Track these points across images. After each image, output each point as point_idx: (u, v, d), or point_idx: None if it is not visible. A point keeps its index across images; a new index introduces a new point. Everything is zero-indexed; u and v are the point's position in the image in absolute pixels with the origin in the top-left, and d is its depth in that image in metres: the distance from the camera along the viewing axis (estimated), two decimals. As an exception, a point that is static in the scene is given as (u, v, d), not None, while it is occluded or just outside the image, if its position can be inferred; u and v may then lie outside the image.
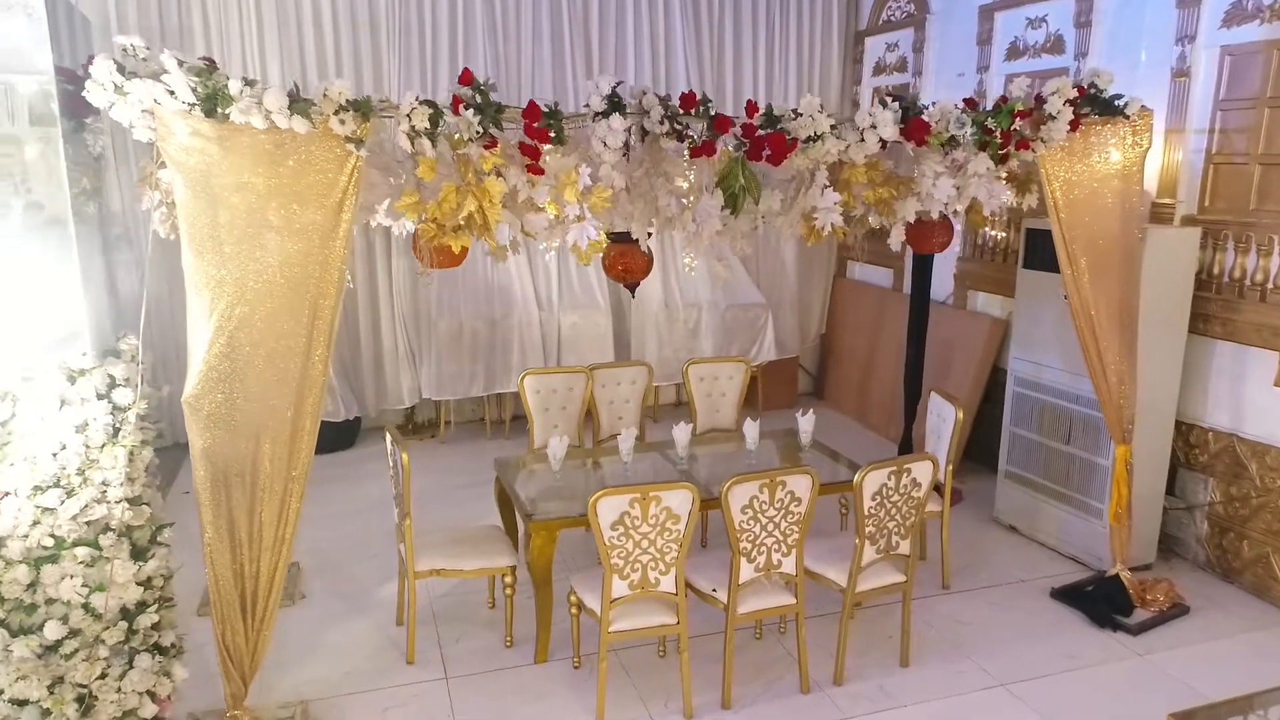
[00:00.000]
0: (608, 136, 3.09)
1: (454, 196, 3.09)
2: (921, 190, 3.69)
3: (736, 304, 7.45)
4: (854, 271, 7.99)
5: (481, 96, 2.99)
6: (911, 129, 3.50)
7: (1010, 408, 5.31)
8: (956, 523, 5.42)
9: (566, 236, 3.11)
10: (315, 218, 2.94)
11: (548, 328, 7.02)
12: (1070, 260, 4.07)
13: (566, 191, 3.08)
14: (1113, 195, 4.09)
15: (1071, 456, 4.91)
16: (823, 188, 3.51)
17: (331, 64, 6.38)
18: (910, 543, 3.79)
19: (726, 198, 3.41)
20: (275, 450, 3.06)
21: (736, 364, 5.34)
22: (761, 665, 3.93)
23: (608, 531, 3.31)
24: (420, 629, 4.19)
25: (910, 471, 3.64)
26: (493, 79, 3.07)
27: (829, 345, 8.19)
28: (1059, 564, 4.92)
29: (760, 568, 3.57)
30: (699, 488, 4.21)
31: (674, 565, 3.43)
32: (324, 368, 3.08)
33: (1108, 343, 4.21)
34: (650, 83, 7.04)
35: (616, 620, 3.47)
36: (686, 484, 3.35)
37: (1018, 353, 5.24)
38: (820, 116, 3.36)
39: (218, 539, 3.04)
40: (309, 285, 2.99)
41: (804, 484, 3.50)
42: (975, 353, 6.24)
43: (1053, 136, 3.79)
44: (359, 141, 2.88)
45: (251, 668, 3.23)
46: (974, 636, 4.19)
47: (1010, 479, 5.35)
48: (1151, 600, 4.41)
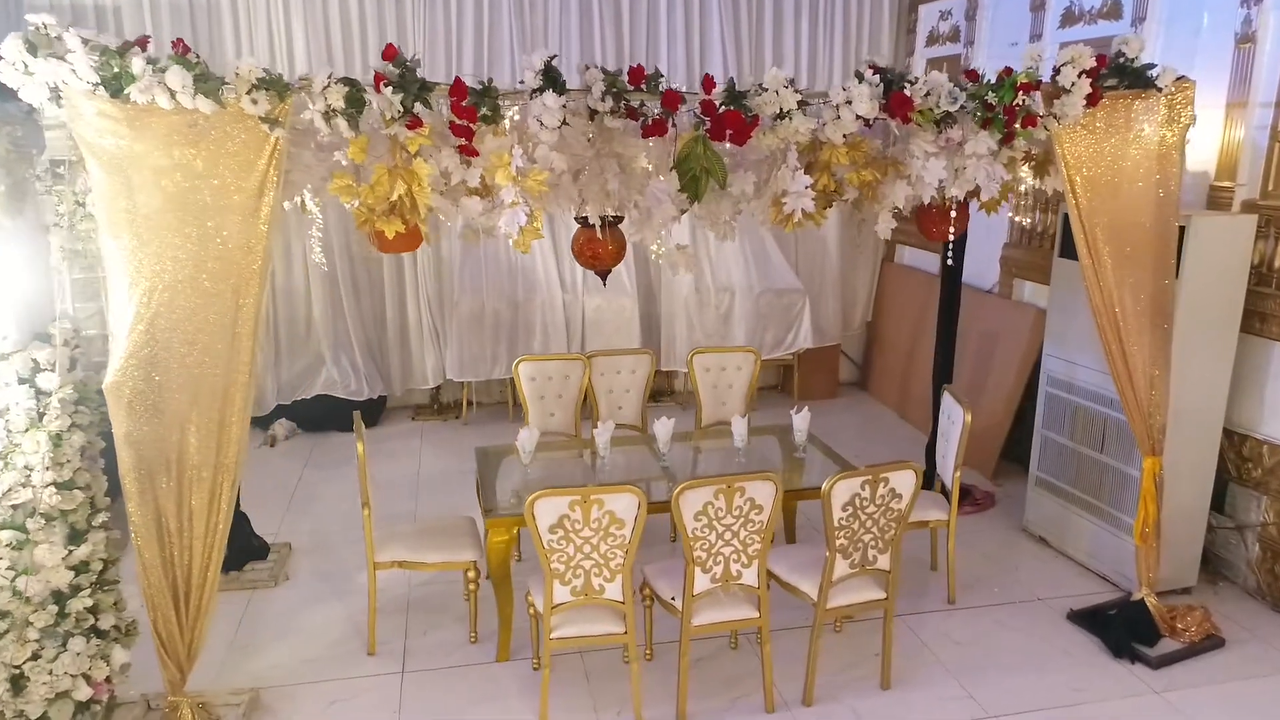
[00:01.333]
0: (543, 115, 2.88)
1: (387, 179, 2.94)
2: (911, 173, 3.35)
3: (772, 289, 7.12)
4: (903, 256, 7.54)
5: (407, 73, 2.82)
6: (893, 104, 3.16)
7: (1042, 409, 4.88)
8: (980, 530, 5.06)
9: (500, 222, 2.92)
10: (234, 201, 2.83)
11: (571, 310, 6.86)
12: (1090, 251, 3.65)
13: (498, 174, 2.89)
14: (1144, 178, 3.64)
15: (1104, 465, 4.47)
16: (794, 170, 3.21)
17: (356, 36, 6.33)
18: (891, 558, 3.49)
19: (686, 181, 3.15)
20: (202, 438, 2.99)
21: (745, 354, 5.06)
22: (730, 678, 3.70)
23: (546, 535, 3.14)
24: (391, 619, 4.13)
25: (887, 481, 3.33)
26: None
27: (875, 333, 7.78)
28: (1086, 582, 4.50)
29: (718, 578, 3.34)
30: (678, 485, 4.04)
31: (620, 572, 3.23)
32: (251, 354, 2.99)
33: (1136, 343, 3.77)
34: (683, 55, 6.78)
35: (560, 626, 3.30)
36: (632, 487, 3.14)
37: (1051, 349, 4.79)
38: (786, 92, 3.06)
39: (145, 528, 3.00)
40: (231, 270, 2.89)
41: (765, 491, 3.24)
42: (1018, 346, 5.77)
43: (1067, 112, 3.38)
44: (274, 122, 2.76)
45: (189, 657, 3.20)
46: (971, 659, 3.85)
47: (1041, 486, 4.92)
48: (1182, 630, 3.98)
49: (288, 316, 6.72)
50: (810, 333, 7.16)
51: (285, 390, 6.71)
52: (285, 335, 6.73)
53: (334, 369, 6.70)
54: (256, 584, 4.42)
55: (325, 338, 6.70)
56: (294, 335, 6.76)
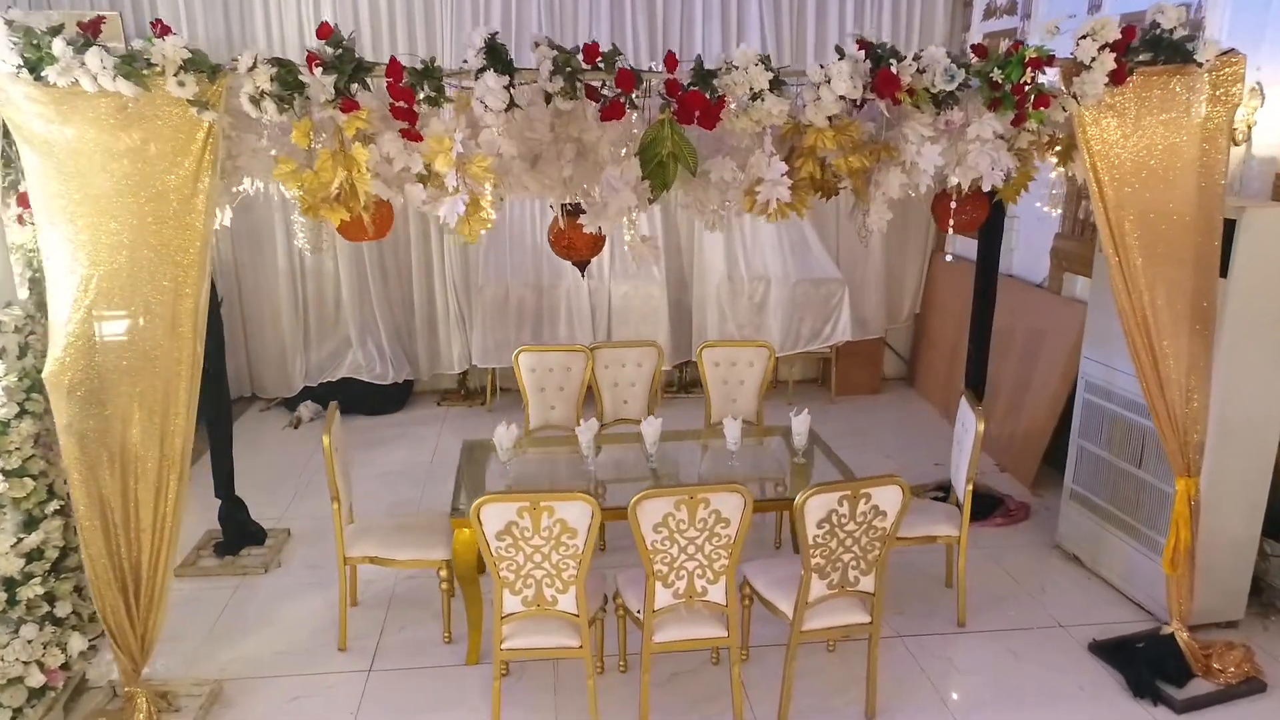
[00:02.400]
0: (486, 96, 2.69)
1: (330, 165, 2.81)
2: (905, 159, 3.04)
3: (809, 278, 6.78)
4: (955, 245, 7.07)
5: (345, 53, 2.67)
6: (879, 84, 2.85)
7: (1079, 416, 4.47)
8: (1012, 544, 4.70)
9: (440, 210, 2.75)
10: (169, 188, 2.74)
11: (597, 298, 6.68)
12: (1117, 247, 3.26)
13: (438, 160, 2.72)
14: (1184, 165, 3.23)
15: (1141, 481, 4.05)
16: (769, 156, 2.94)
17: (385, 19, 6.25)
18: (875, 579, 3.20)
19: (652, 167, 2.93)
20: (145, 429, 2.93)
21: (758, 349, 4.79)
22: (703, 697, 3.48)
23: (493, 542, 2.98)
24: (371, 612, 4.06)
25: (869, 497, 3.04)
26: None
27: (922, 327, 7.35)
28: (1117, 609, 4.10)
29: (680, 594, 3.12)
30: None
31: (573, 583, 3.05)
32: (194, 346, 2.90)
33: (1171, 351, 3.37)
34: (719, 38, 6.47)
35: (511, 636, 3.14)
36: (583, 495, 2.95)
37: (1090, 351, 4.37)
38: (756, 70, 2.79)
39: (89, 519, 2.96)
40: (168, 260, 2.81)
41: (732, 503, 3.00)
42: (1065, 346, 5.32)
43: (1087, 91, 3.00)
44: (204, 105, 2.64)
45: (143, 648, 3.16)
46: (972, 690, 3.54)
47: (1076, 500, 4.52)
48: (1218, 670, 3.57)
49: (317, 298, 6.73)
50: (849, 325, 6.79)
51: (313, 372, 6.74)
52: (314, 317, 6.76)
53: (360, 353, 6.69)
54: (247, 570, 4.41)
55: (353, 321, 6.70)
56: (323, 317, 6.78)
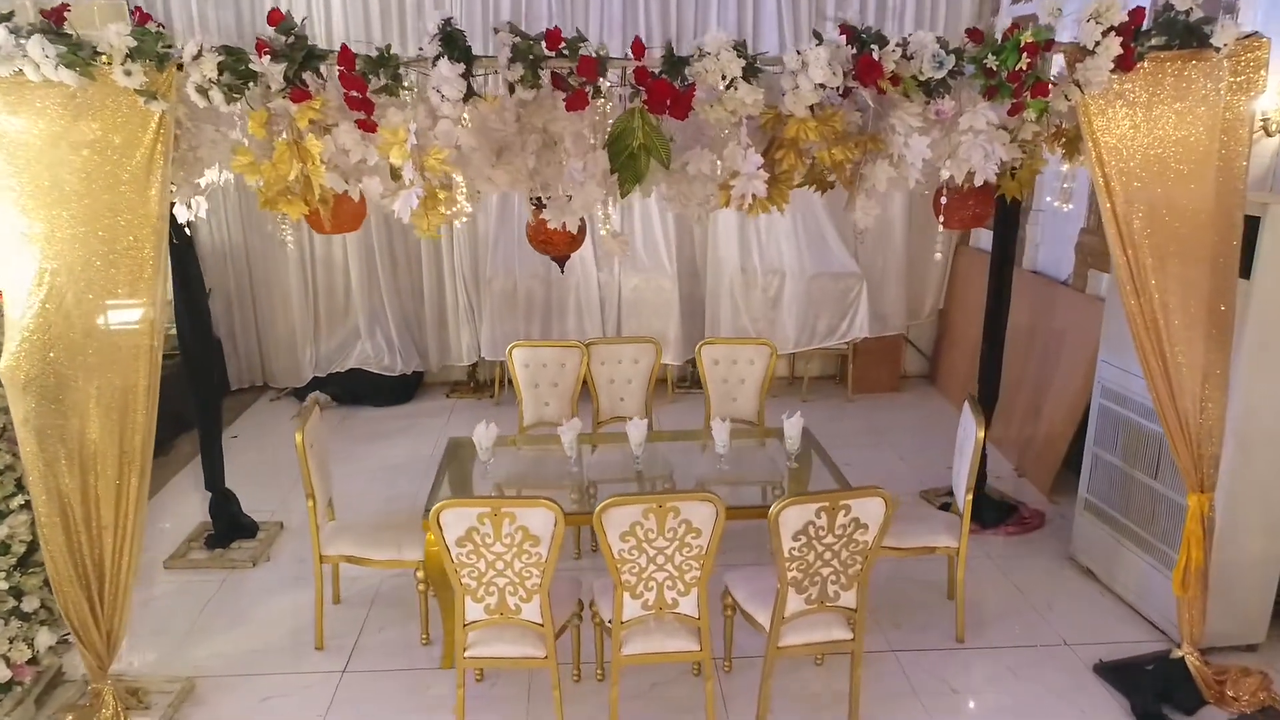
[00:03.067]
0: (443, 86, 2.57)
1: (288, 157, 2.72)
2: (892, 150, 2.86)
3: (826, 272, 6.58)
4: (979, 239, 6.82)
5: (297, 40, 2.57)
6: (860, 70, 2.67)
7: (1094, 422, 4.24)
8: (1024, 555, 4.50)
9: (394, 205, 2.64)
10: (121, 180, 2.67)
11: (607, 290, 6.55)
12: (1125, 246, 3.05)
13: (393, 152, 2.61)
14: (1200, 159, 3.00)
15: (1157, 494, 3.82)
16: (745, 148, 2.78)
17: (395, 5, 6.17)
18: (857, 594, 3.05)
19: (623, 160, 2.78)
20: (104, 425, 2.88)
21: (759, 347, 4.63)
22: (680, 710, 3.35)
23: (454, 548, 2.88)
24: (353, 610, 4.01)
25: (849, 509, 2.88)
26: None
27: (946, 323, 7.11)
28: (1130, 628, 3.88)
29: (650, 605, 3.00)
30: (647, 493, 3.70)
31: (537, 592, 2.94)
32: (153, 339, 2.84)
33: (1184, 359, 3.15)
34: (735, 24, 6.27)
35: (475, 644, 3.05)
36: (547, 501, 2.83)
37: (1106, 354, 4.14)
38: (728, 56, 2.63)
39: (49, 515, 2.92)
40: (123, 254, 2.74)
41: (703, 512, 2.86)
42: (1087, 345, 5.06)
43: (1090, 79, 2.79)
44: (151, 95, 2.56)
45: (109, 645, 3.13)
46: (965, 712, 3.37)
47: (1090, 511, 4.29)
48: (1232, 698, 3.36)
49: (327, 287, 6.71)
50: (867, 321, 6.58)
51: (322, 363, 6.73)
52: (324, 307, 6.73)
53: (368, 344, 6.65)
54: (235, 564, 4.39)
55: (362, 311, 6.66)
56: (333, 307, 6.75)
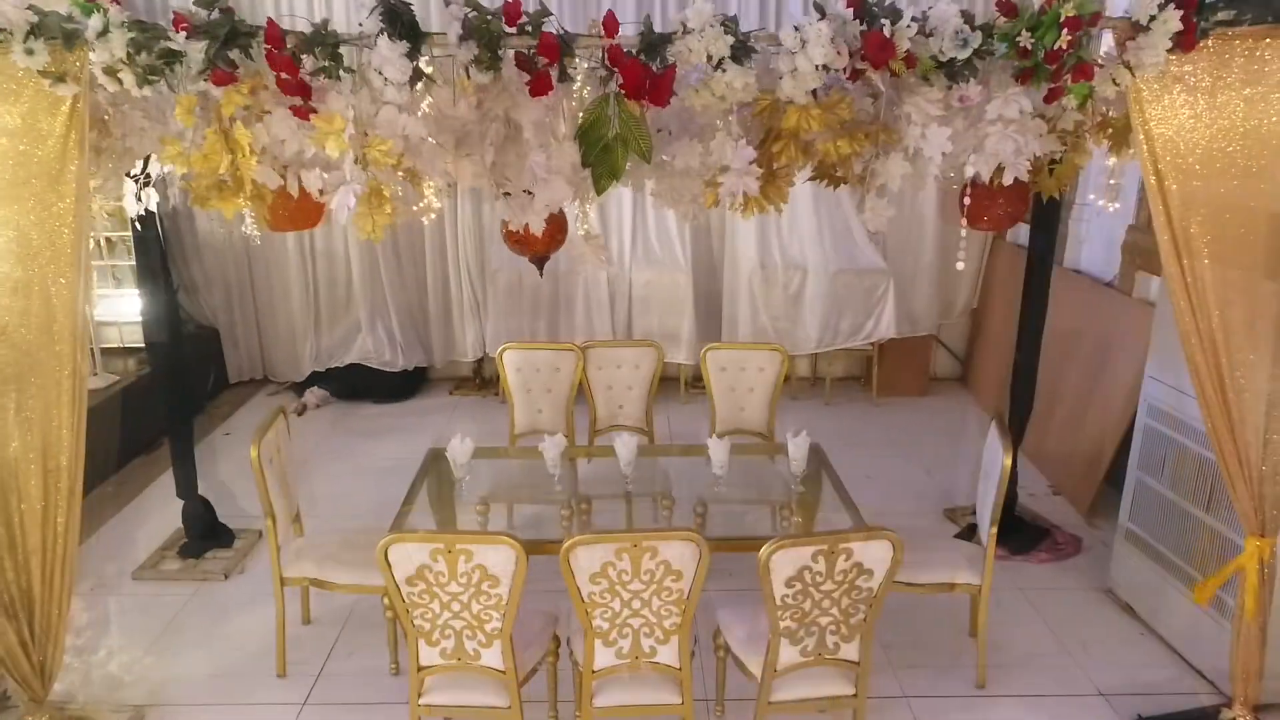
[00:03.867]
0: (385, 67, 2.24)
1: (220, 147, 2.41)
2: (908, 143, 2.47)
3: (851, 268, 6.16)
4: (1018, 234, 6.35)
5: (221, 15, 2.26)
6: (869, 50, 2.29)
7: (1139, 445, 3.82)
8: (1058, 585, 4.13)
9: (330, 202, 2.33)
10: (28, 174, 2.39)
11: (617, 285, 6.21)
12: (1179, 254, 2.64)
13: (329, 142, 2.29)
14: (1272, 151, 2.57)
15: (1210, 530, 3.41)
16: (736, 139, 2.42)
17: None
18: (860, 646, 2.69)
19: (597, 153, 2.44)
20: (24, 443, 2.62)
21: (770, 353, 4.26)
22: (664, 762, 3.04)
23: (405, 587, 2.58)
24: (323, 631, 3.76)
25: (850, 553, 2.53)
26: None
27: (979, 322, 6.66)
28: (1173, 676, 3.48)
29: (625, 654, 2.67)
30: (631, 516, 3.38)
31: (497, 637, 2.63)
32: (75, 353, 2.57)
33: (1246, 381, 2.74)
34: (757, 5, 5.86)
35: (432, 690, 2.75)
36: (506, 538, 2.51)
37: (1155, 370, 3.71)
38: (714, 32, 2.26)
39: (-32, 539, 2.68)
40: (36, 254, 2.47)
41: (684, 553, 2.53)
42: (1133, 355, 4.62)
43: (1144, 60, 2.38)
44: (59, 78, 2.27)
45: (43, 676, 2.89)
46: (982, 773, 3.02)
47: (1131, 541, 3.88)
48: (1291, 768, 2.95)
49: (327, 280, 6.46)
50: (894, 320, 6.16)
51: (322, 357, 6.49)
52: (325, 299, 6.49)
53: (369, 338, 6.39)
54: (207, 575, 4.15)
55: (363, 304, 6.40)
56: (334, 300, 6.50)
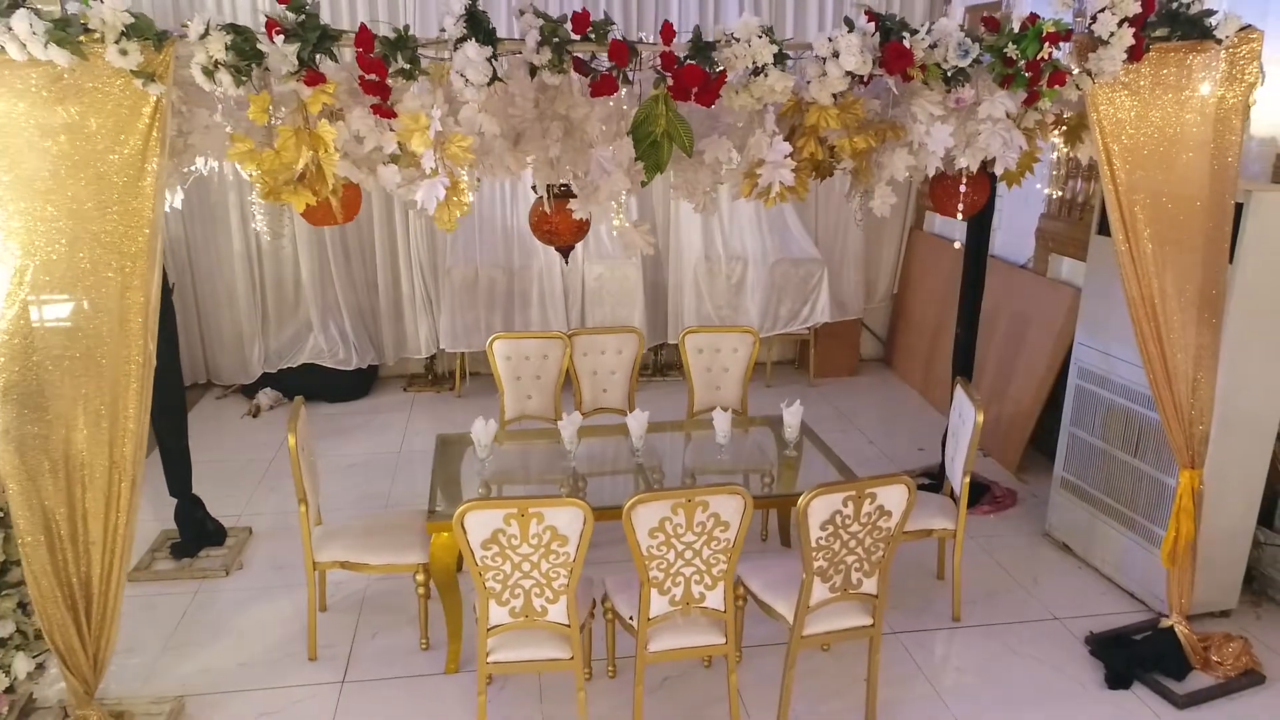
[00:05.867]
0: (467, 70, 2.45)
1: (293, 144, 2.55)
2: (913, 139, 2.86)
3: (788, 258, 6.61)
4: (933, 224, 6.97)
5: (307, 19, 2.41)
6: (889, 58, 2.66)
7: (1071, 403, 4.37)
8: (1000, 533, 4.61)
9: (416, 195, 2.52)
10: (112, 169, 2.46)
11: (570, 279, 6.45)
12: (1128, 232, 3.13)
13: (414, 139, 2.47)
14: (1197, 147, 3.10)
15: (1139, 472, 3.97)
16: (771, 135, 2.74)
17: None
18: (878, 581, 3.07)
19: (645, 147, 2.71)
20: (93, 434, 2.66)
21: (742, 334, 4.62)
22: (698, 704, 3.34)
23: (479, 551, 2.78)
24: (342, 617, 3.85)
25: (875, 497, 2.90)
26: None
27: (900, 306, 7.25)
28: (1112, 600, 4.03)
29: (677, 601, 2.96)
30: (649, 485, 3.66)
31: (564, 593, 2.87)
32: (145, 342, 2.64)
33: (1178, 341, 3.26)
34: (695, 9, 6.22)
35: (498, 649, 2.96)
36: (575, 500, 2.76)
37: (1084, 337, 4.27)
38: (760, 42, 2.58)
39: (31, 533, 2.70)
40: (114, 248, 2.54)
41: (731, 505, 2.83)
42: (1052, 329, 5.24)
43: (1104, 68, 2.84)
44: (150, 77, 2.37)
45: (95, 668, 2.92)
46: (970, 689, 3.44)
47: (1067, 489, 4.43)
48: (1216, 662, 3.51)
49: (275, 281, 6.42)
50: (829, 306, 6.65)
51: (272, 358, 6.44)
52: (273, 301, 6.44)
53: (321, 337, 6.40)
54: (207, 573, 4.16)
55: (313, 304, 6.40)
56: (281, 301, 6.46)
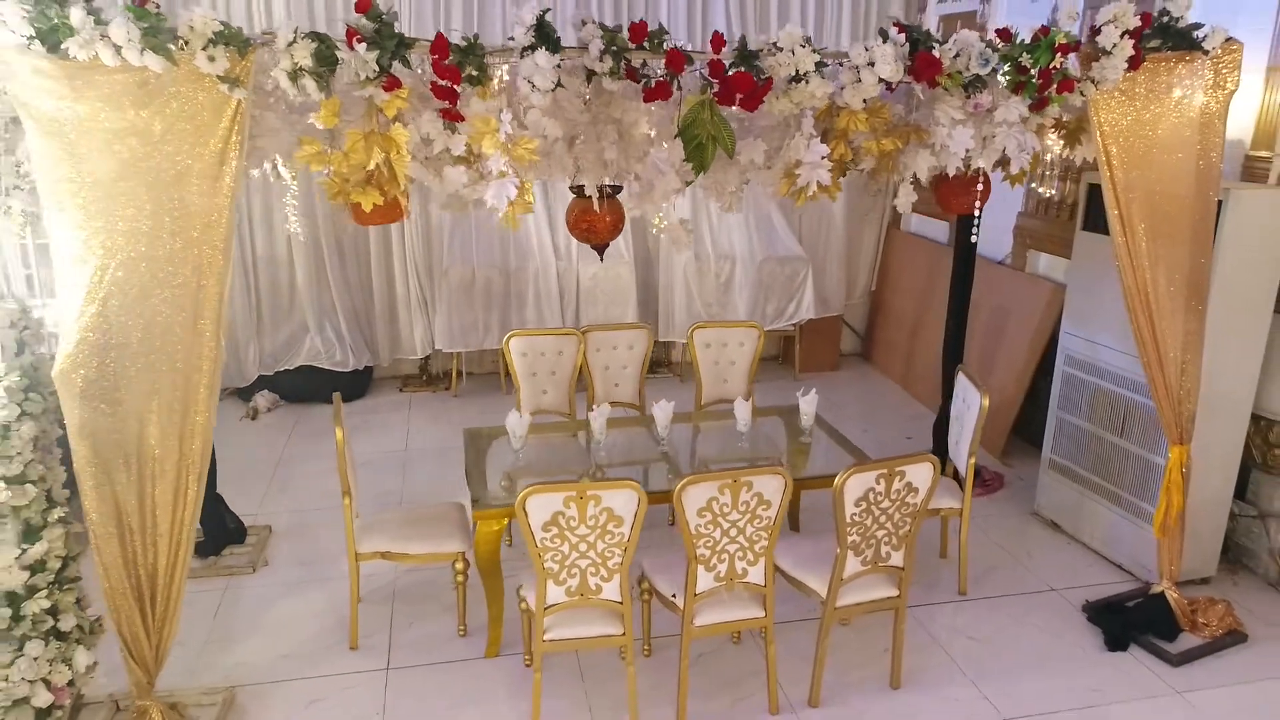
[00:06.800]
0: (535, 76, 2.60)
1: (362, 146, 2.67)
2: (935, 141, 3.09)
3: (774, 257, 6.84)
4: (910, 223, 7.27)
5: (383, 28, 2.53)
6: (919, 67, 2.89)
7: (1058, 389, 4.66)
8: (990, 514, 4.87)
9: (485, 195, 2.66)
10: (193, 169, 2.56)
11: (566, 279, 6.59)
12: (1125, 228, 3.40)
13: (485, 141, 2.62)
14: (1185, 148, 3.38)
15: (1125, 451, 4.26)
16: (809, 138, 2.94)
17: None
18: (904, 554, 3.29)
19: (691, 149, 2.89)
20: (164, 429, 2.75)
21: (748, 329, 4.82)
22: (732, 678, 3.52)
23: (539, 533, 2.92)
24: (376, 608, 3.94)
25: (904, 475, 3.11)
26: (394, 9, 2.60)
27: (879, 303, 7.53)
28: (1101, 571, 4.32)
29: (721, 577, 3.13)
30: (677, 472, 3.82)
31: (617, 571, 3.02)
32: (215, 338, 2.73)
33: (1168, 326, 3.54)
34: (684, 13, 6.42)
35: (554, 628, 3.10)
36: (631, 482, 2.92)
37: (1070, 327, 4.56)
38: (803, 51, 2.78)
39: (103, 525, 2.77)
40: (190, 247, 2.63)
41: (773, 485, 3.02)
42: (1031, 321, 5.54)
43: (1106, 76, 3.10)
44: (234, 82, 2.47)
45: (157, 658, 3.00)
46: (983, 657, 3.68)
47: (1055, 470, 4.72)
48: (1203, 624, 3.81)
49: (270, 284, 6.43)
50: (813, 303, 6.90)
51: (268, 360, 6.45)
52: (268, 304, 6.46)
53: (318, 339, 6.44)
54: (234, 570, 4.21)
55: (309, 306, 6.43)
56: (277, 304, 6.48)
